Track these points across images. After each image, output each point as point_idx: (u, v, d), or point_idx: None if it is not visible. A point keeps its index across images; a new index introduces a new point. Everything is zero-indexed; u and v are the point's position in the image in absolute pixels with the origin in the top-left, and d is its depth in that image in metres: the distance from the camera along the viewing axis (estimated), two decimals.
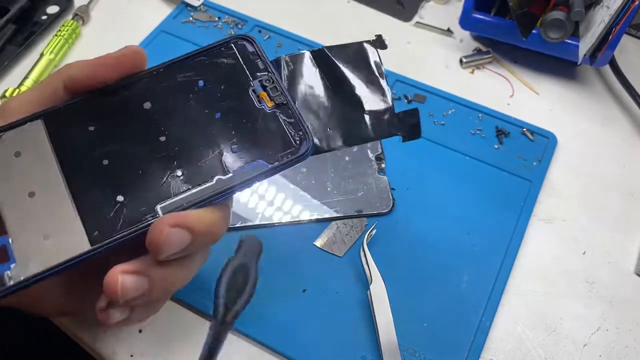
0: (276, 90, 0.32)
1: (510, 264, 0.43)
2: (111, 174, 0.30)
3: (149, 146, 0.31)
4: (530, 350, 0.40)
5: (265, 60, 0.33)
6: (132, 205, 0.29)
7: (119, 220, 0.29)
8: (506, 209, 0.46)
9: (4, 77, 0.54)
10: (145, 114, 0.31)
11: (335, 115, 0.34)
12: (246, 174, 0.30)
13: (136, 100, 0.32)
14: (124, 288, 0.27)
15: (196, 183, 0.30)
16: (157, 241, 0.27)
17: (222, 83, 0.33)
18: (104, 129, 0.31)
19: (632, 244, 0.46)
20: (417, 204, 0.46)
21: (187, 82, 0.32)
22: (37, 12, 0.58)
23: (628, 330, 0.41)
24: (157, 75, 0.33)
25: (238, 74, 0.33)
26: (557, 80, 0.56)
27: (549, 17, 0.51)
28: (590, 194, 0.48)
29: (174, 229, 0.27)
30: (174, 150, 0.31)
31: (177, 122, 0.31)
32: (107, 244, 0.28)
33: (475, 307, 0.41)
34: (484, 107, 0.53)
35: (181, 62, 0.33)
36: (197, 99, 0.32)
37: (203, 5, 0.60)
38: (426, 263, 0.43)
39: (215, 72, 0.33)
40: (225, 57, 0.33)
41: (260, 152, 0.31)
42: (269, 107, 0.32)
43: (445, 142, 0.50)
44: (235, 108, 0.32)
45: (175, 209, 0.29)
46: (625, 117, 0.54)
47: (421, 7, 0.62)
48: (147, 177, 0.30)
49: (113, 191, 0.29)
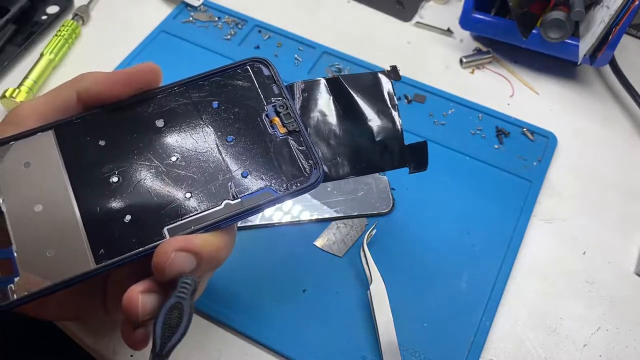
0: (289, 117, 0.32)
1: (510, 264, 0.44)
2: (120, 192, 0.29)
3: (159, 165, 0.30)
4: (530, 350, 0.40)
5: (280, 85, 0.33)
6: (139, 225, 0.29)
7: (125, 239, 0.28)
8: (506, 209, 0.46)
9: (4, 77, 0.54)
10: (157, 132, 0.31)
11: (346, 144, 0.35)
12: (255, 200, 0.30)
13: (149, 118, 0.31)
14: (144, 307, 0.27)
15: (204, 206, 0.30)
16: (162, 264, 0.27)
17: (236, 105, 0.32)
18: (115, 144, 0.31)
19: (632, 244, 0.46)
20: (417, 204, 0.46)
21: (201, 103, 0.32)
22: (37, 12, 0.58)
23: (628, 330, 0.41)
24: (172, 93, 0.32)
25: (252, 98, 0.33)
26: (557, 80, 0.56)
27: (549, 17, 0.51)
28: (590, 194, 0.48)
29: (180, 252, 0.27)
30: (185, 171, 0.30)
31: (188, 142, 0.31)
32: (112, 264, 0.28)
33: (475, 307, 0.41)
34: (484, 107, 0.53)
35: (196, 82, 0.33)
36: (210, 120, 0.32)
37: (203, 5, 0.60)
38: (426, 263, 0.43)
39: (229, 94, 0.33)
40: (241, 79, 0.33)
41: (270, 179, 0.31)
42: (281, 133, 0.32)
43: (445, 142, 0.50)
44: (248, 132, 0.32)
45: (182, 232, 0.29)
46: (625, 117, 0.54)
47: (421, 7, 0.62)
48: (155, 197, 0.30)
49: (121, 209, 0.29)
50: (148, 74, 0.32)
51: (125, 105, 0.32)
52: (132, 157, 0.30)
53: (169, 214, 0.29)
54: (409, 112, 0.52)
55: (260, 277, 0.42)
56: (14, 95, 0.50)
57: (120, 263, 0.28)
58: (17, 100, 0.50)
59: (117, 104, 0.31)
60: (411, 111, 0.52)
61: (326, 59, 0.56)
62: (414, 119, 0.52)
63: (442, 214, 0.46)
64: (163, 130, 0.31)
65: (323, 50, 0.56)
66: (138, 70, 0.32)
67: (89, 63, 0.56)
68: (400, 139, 0.36)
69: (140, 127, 0.31)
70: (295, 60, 0.56)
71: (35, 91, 0.52)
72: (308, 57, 0.56)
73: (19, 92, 0.51)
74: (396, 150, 0.35)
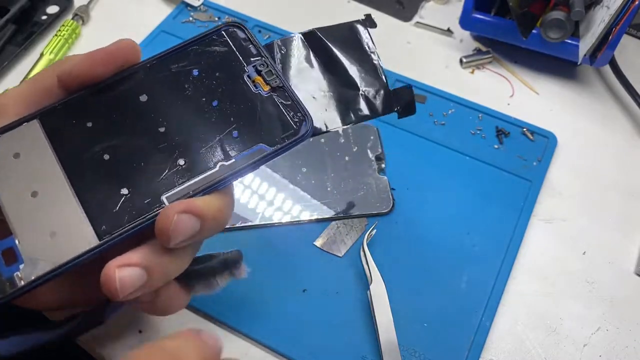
0: (271, 74, 0.32)
1: (510, 264, 0.43)
2: (113, 168, 0.30)
3: (149, 138, 0.31)
4: (530, 350, 0.40)
5: (257, 45, 0.33)
6: (137, 197, 0.29)
7: (125, 213, 0.29)
8: (506, 209, 0.46)
9: (4, 77, 0.54)
10: (142, 107, 0.31)
11: (330, 96, 0.35)
12: (248, 158, 0.31)
13: (132, 94, 0.32)
14: (122, 283, 0.27)
15: (199, 171, 0.30)
16: (166, 228, 0.27)
17: (216, 71, 0.33)
18: (102, 124, 0.31)
19: (632, 244, 0.46)
20: (417, 204, 0.46)
21: (181, 72, 0.33)
22: (37, 12, 0.58)
23: (628, 331, 0.41)
24: (151, 67, 0.33)
25: (232, 61, 0.33)
26: (557, 80, 0.56)
27: (549, 17, 0.51)
28: (590, 194, 0.48)
29: (183, 215, 0.27)
30: (175, 140, 0.31)
31: (174, 112, 0.31)
32: (115, 237, 0.28)
33: (475, 307, 0.41)
34: (484, 107, 0.53)
35: (174, 53, 0.33)
36: (192, 88, 0.32)
37: (203, 5, 0.60)
38: (426, 263, 0.43)
39: (208, 60, 0.33)
40: (218, 44, 0.33)
41: (261, 137, 0.31)
42: (265, 91, 0.32)
43: (445, 142, 0.50)
44: (232, 94, 0.32)
45: (181, 198, 0.29)
46: (625, 117, 0.54)
47: (421, 7, 0.62)
48: (150, 168, 0.30)
49: (117, 185, 0.29)
50: (127, 50, 0.32)
51: (107, 85, 0.32)
52: (121, 134, 0.31)
53: (165, 182, 0.30)
54: None
55: (260, 277, 0.42)
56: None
57: (123, 236, 0.28)
58: None
59: (99, 84, 0.32)
60: None
61: None
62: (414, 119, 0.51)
63: (442, 214, 0.46)
64: (147, 103, 0.32)
65: None
66: (117, 47, 0.32)
67: None
68: (384, 85, 0.36)
69: (124, 104, 0.31)
70: None
71: None
72: None
73: None
74: (382, 96, 0.36)
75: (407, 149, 0.50)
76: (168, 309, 0.33)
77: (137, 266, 0.28)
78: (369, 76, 0.36)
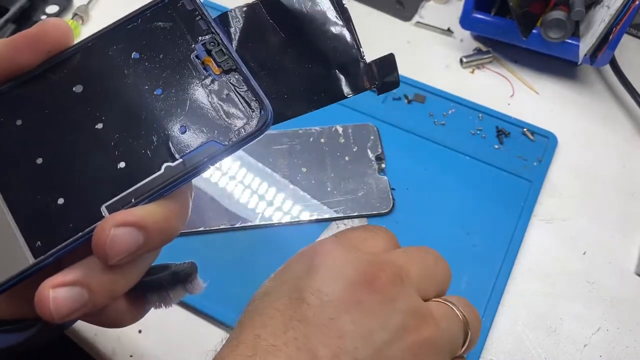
0: (223, 54, 0.28)
1: (510, 264, 0.43)
2: (47, 174, 0.26)
3: (85, 137, 0.27)
4: (530, 350, 0.40)
5: (207, 19, 0.28)
6: (74, 207, 0.26)
7: (62, 226, 0.25)
8: (506, 209, 0.46)
9: None
10: (77, 99, 0.27)
11: (297, 74, 0.29)
12: (197, 157, 0.26)
13: (65, 84, 0.27)
14: (56, 304, 0.24)
15: (143, 175, 0.26)
16: (102, 245, 0.24)
17: (160, 52, 0.28)
18: (33, 122, 0.27)
19: (632, 244, 0.46)
20: (417, 204, 0.46)
21: (119, 56, 0.28)
22: (36, 12, 0.58)
23: (628, 331, 0.41)
24: (86, 51, 0.28)
25: (177, 39, 0.28)
26: (558, 80, 0.56)
27: (549, 17, 0.51)
28: (590, 194, 0.48)
29: (121, 228, 0.24)
30: (114, 138, 0.27)
31: (113, 105, 0.27)
32: (52, 255, 0.25)
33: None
34: (484, 107, 0.53)
35: (110, 33, 0.28)
36: (133, 74, 0.28)
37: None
38: None
39: (150, 39, 0.28)
40: (161, 19, 0.29)
41: (212, 131, 0.27)
42: (216, 74, 0.28)
43: (445, 142, 0.50)
44: (178, 80, 0.28)
45: (123, 207, 0.26)
46: (625, 117, 0.54)
47: (421, 7, 0.62)
48: (87, 173, 0.26)
49: (52, 194, 0.26)
50: (54, 32, 0.27)
51: (35, 75, 0.27)
52: (54, 133, 0.27)
53: (104, 190, 0.26)
54: (409, 112, 0.52)
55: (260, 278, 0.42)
56: None
57: (60, 253, 0.25)
58: None
59: (26, 75, 0.27)
60: (411, 111, 0.52)
61: None
62: (414, 119, 0.51)
63: (442, 214, 0.46)
64: (83, 95, 0.27)
65: None
66: (43, 29, 0.27)
67: None
68: (358, 56, 0.30)
69: (57, 97, 0.27)
70: None
71: None
72: None
73: None
74: (356, 70, 0.30)
75: (407, 149, 0.50)
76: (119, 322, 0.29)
77: (75, 285, 0.24)
78: (342, 48, 0.30)
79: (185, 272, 0.30)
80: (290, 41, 0.30)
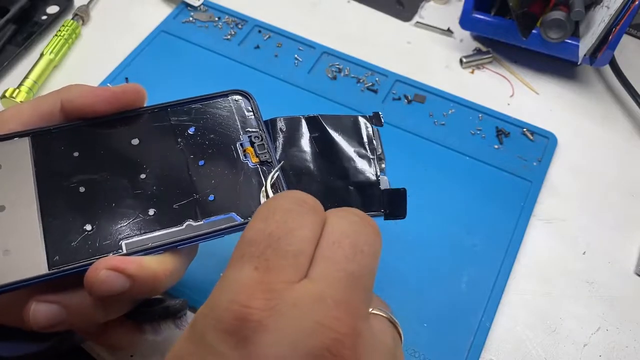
0: (263, 148, 0.33)
1: (510, 264, 0.43)
2: (85, 203, 0.30)
3: (128, 181, 0.31)
4: (530, 350, 0.40)
5: (258, 117, 0.34)
6: (98, 236, 0.29)
7: (82, 249, 0.28)
8: (506, 209, 0.46)
9: (4, 77, 0.54)
10: (131, 150, 0.32)
11: (319, 181, 0.34)
12: (217, 224, 0.30)
13: (125, 135, 0.32)
14: (35, 316, 0.27)
15: (166, 225, 0.30)
16: (91, 281, 0.27)
17: (212, 132, 0.33)
18: (88, 157, 0.31)
19: (632, 244, 0.46)
20: (417, 203, 0.46)
21: (178, 126, 0.33)
22: (37, 12, 0.58)
23: (628, 331, 0.41)
24: (151, 114, 0.33)
25: (229, 126, 0.33)
26: (557, 80, 0.56)
27: (549, 17, 0.51)
28: (590, 194, 0.48)
29: (112, 272, 0.27)
30: (152, 189, 0.31)
31: (160, 162, 0.32)
32: (65, 271, 0.28)
33: (475, 307, 0.41)
34: (484, 107, 0.53)
35: (177, 106, 0.34)
36: (184, 143, 0.32)
37: (203, 5, 0.60)
38: (426, 263, 0.43)
39: (207, 120, 0.33)
40: (221, 108, 0.34)
41: (236, 205, 0.31)
42: (253, 162, 0.32)
43: (445, 142, 0.50)
44: (220, 158, 0.32)
45: (139, 247, 0.29)
46: (625, 117, 0.54)
47: (421, 7, 0.62)
48: (119, 211, 0.30)
49: (83, 219, 0.29)
50: (133, 95, 0.32)
51: (105, 121, 0.32)
52: (103, 171, 0.31)
53: (129, 228, 0.29)
54: (409, 112, 0.52)
55: None
56: (14, 95, 0.50)
57: (73, 271, 0.28)
58: (17, 100, 0.50)
59: (97, 118, 0.32)
60: (411, 111, 0.52)
61: (326, 59, 0.56)
62: (414, 119, 0.52)
63: (442, 214, 0.46)
64: (137, 148, 0.32)
65: (323, 50, 0.56)
66: (124, 91, 0.32)
67: (89, 63, 0.56)
68: (375, 184, 0.35)
69: (115, 143, 0.32)
70: (295, 60, 0.56)
71: (35, 91, 0.52)
72: (308, 57, 0.56)
73: (19, 92, 0.51)
74: (371, 194, 0.35)
75: (407, 149, 0.50)
76: (117, 345, 0.33)
77: (55, 304, 0.28)
78: (362, 171, 0.35)
79: (176, 308, 0.33)
80: (321, 154, 0.35)
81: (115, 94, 0.32)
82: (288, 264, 0.22)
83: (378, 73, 0.55)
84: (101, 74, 0.54)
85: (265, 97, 0.37)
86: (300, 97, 0.53)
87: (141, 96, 0.33)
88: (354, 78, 0.55)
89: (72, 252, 0.28)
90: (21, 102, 0.32)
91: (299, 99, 0.53)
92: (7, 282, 0.27)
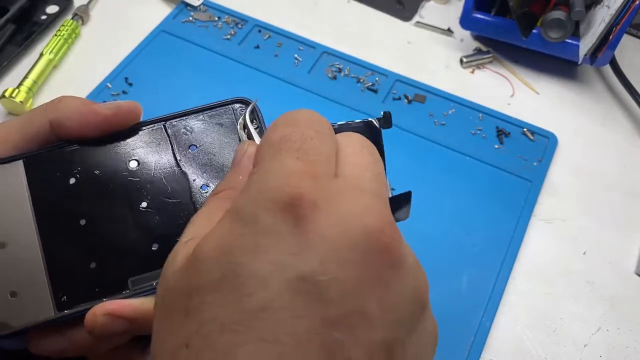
0: None
1: (510, 264, 0.43)
2: (87, 236, 0.28)
3: (129, 211, 0.29)
4: (530, 350, 0.40)
5: (263, 128, 0.31)
6: (104, 274, 0.27)
7: (88, 288, 0.27)
8: (506, 209, 0.46)
9: (4, 77, 0.54)
10: (129, 175, 0.29)
11: None
12: None
13: (123, 158, 0.30)
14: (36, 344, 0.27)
15: None
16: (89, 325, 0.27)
17: (215, 149, 0.30)
18: (86, 184, 0.29)
19: (632, 244, 0.46)
20: (417, 204, 0.46)
21: (178, 144, 0.30)
22: (36, 12, 0.58)
23: (629, 331, 0.41)
24: (149, 132, 0.30)
25: (232, 142, 0.31)
26: (558, 80, 0.56)
27: (549, 16, 0.51)
28: (590, 194, 0.48)
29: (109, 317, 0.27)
30: (155, 219, 0.29)
31: (161, 188, 0.29)
32: (73, 313, 0.27)
33: (475, 307, 0.41)
34: (484, 107, 0.53)
35: (176, 120, 0.31)
36: (186, 165, 0.30)
37: (203, 5, 0.60)
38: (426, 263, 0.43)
39: (209, 135, 0.31)
40: (223, 120, 0.31)
41: None
42: None
43: (445, 142, 0.50)
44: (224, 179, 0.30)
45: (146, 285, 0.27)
46: (625, 117, 0.54)
47: (421, 7, 0.62)
48: (123, 245, 0.28)
49: (86, 255, 0.28)
50: (126, 115, 0.30)
51: (99, 141, 0.30)
52: (102, 200, 0.29)
53: (135, 264, 0.28)
54: (409, 112, 0.52)
55: None
56: (14, 95, 0.50)
57: (81, 313, 0.27)
58: (17, 100, 0.50)
59: (92, 139, 0.30)
60: (411, 111, 0.52)
61: (326, 59, 0.56)
62: (414, 119, 0.51)
63: (442, 214, 0.46)
64: (136, 173, 0.29)
65: (323, 50, 0.56)
66: (118, 108, 0.30)
67: (88, 63, 0.56)
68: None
69: (112, 168, 0.29)
70: (295, 60, 0.56)
71: (35, 91, 0.52)
72: (308, 57, 0.56)
73: (19, 92, 0.51)
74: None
75: (407, 149, 0.50)
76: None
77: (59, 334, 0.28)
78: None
79: None
80: None
81: (107, 119, 0.30)
82: (325, 160, 0.23)
83: (378, 73, 0.55)
84: (101, 74, 0.54)
85: (265, 97, 0.37)
86: (300, 97, 0.53)
87: (135, 115, 0.30)
88: (354, 78, 0.55)
89: (79, 292, 0.27)
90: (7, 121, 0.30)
91: (299, 99, 0.53)
92: (18, 326, 0.26)
